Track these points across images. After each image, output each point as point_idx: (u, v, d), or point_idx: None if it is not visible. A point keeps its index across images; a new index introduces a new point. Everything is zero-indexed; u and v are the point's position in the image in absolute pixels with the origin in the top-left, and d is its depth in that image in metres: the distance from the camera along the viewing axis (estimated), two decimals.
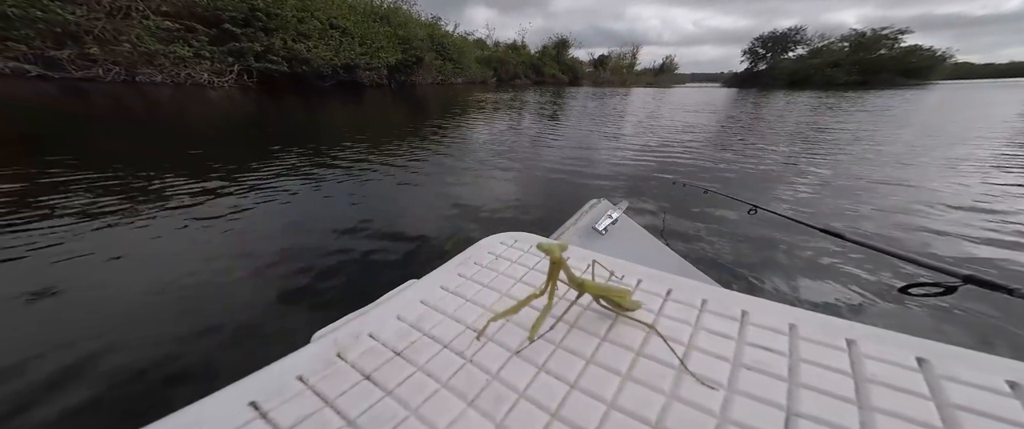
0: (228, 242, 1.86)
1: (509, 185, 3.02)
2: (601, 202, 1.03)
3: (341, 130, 5.39)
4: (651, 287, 0.45)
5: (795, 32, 57.28)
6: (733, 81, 62.00)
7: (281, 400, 0.32)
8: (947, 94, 18.76)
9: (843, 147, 4.55)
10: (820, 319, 0.38)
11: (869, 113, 8.72)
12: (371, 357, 0.37)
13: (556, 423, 0.29)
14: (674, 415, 0.29)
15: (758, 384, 0.31)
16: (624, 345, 0.36)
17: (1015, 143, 4.44)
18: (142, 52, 11.12)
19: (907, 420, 0.27)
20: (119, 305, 1.31)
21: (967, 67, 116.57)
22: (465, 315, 0.43)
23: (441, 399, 0.32)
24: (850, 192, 2.91)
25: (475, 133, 5.49)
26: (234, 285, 1.47)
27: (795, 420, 0.27)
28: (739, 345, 0.35)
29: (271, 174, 3.00)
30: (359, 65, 18.97)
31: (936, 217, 2.36)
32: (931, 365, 0.31)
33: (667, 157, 4.14)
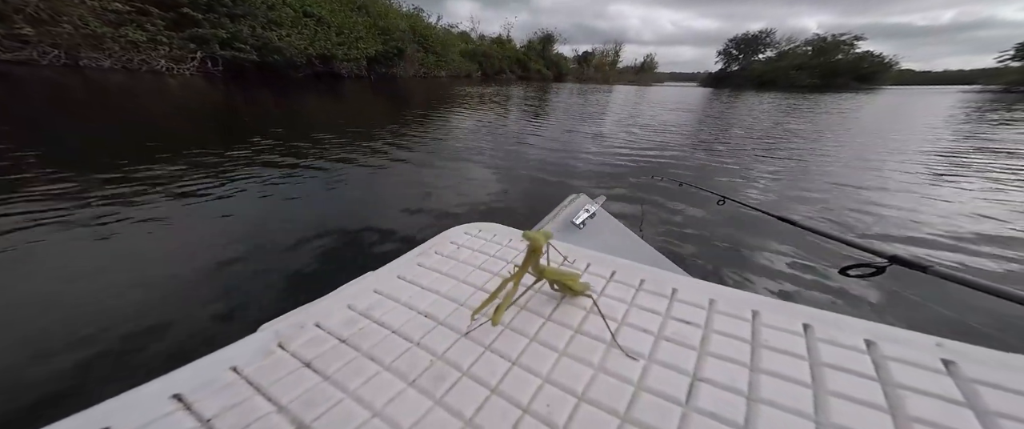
0: (171, 243, 1.74)
1: (491, 182, 2.96)
2: (580, 197, 1.05)
3: (313, 123, 5.14)
4: (599, 270, 0.47)
5: (765, 35, 60.73)
6: (709, 81, 64.93)
7: (209, 391, 0.31)
8: (891, 99, 20.42)
9: (804, 146, 4.94)
10: (731, 293, 0.42)
11: (829, 115, 9.38)
12: (314, 345, 0.36)
13: (494, 397, 0.30)
14: (597, 386, 0.31)
15: (674, 354, 0.34)
16: (565, 324, 0.38)
17: (938, 147, 4.92)
18: (86, 34, 10.03)
19: (787, 379, 0.30)
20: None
21: (909, 74, 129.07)
22: (418, 301, 0.43)
23: (381, 381, 0.32)
24: (806, 184, 3.20)
25: (458, 129, 5.32)
26: (183, 284, 1.38)
27: (698, 384, 0.30)
28: (665, 319, 0.38)
29: (229, 169, 2.82)
30: (336, 56, 18.10)
31: (878, 207, 2.63)
32: (813, 330, 0.35)
33: (647, 153, 4.28)
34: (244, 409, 0.30)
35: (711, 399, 0.29)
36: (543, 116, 7.20)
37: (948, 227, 2.26)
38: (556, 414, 0.28)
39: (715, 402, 0.29)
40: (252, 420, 0.29)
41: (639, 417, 0.28)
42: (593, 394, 0.30)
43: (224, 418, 0.29)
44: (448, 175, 3.07)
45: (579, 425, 0.28)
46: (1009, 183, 3.18)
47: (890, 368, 0.31)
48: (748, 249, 1.96)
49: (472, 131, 5.16)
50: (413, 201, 2.44)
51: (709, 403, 0.29)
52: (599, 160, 3.85)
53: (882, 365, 0.32)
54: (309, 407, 0.30)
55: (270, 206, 2.26)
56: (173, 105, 6.20)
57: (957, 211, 2.55)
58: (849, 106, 12.35)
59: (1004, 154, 4.24)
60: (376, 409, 0.30)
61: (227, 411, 0.29)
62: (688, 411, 0.28)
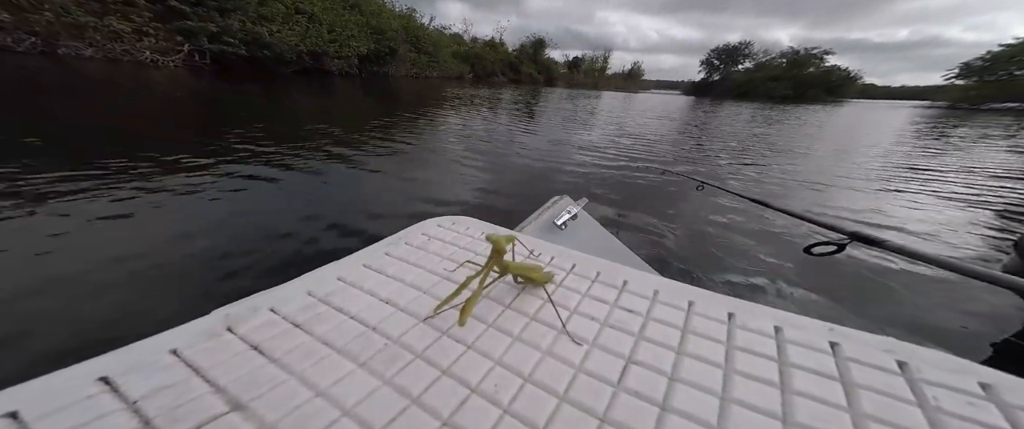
0: (142, 234, 1.68)
1: (476, 181, 2.94)
2: (562, 199, 1.08)
3: (298, 119, 5.10)
4: (560, 263, 0.50)
5: (745, 46, 64.37)
6: (691, 90, 68.14)
7: (141, 373, 0.31)
8: (855, 111, 21.51)
9: (779, 153, 5.18)
10: (671, 284, 0.45)
11: (803, 124, 9.96)
12: (264, 329, 0.36)
13: (444, 378, 0.31)
14: (543, 368, 0.32)
15: (615, 339, 0.36)
16: (523, 312, 0.39)
17: (892, 155, 5.47)
18: (66, 23, 9.77)
19: (704, 361, 0.33)
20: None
21: (872, 88, 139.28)
22: (381, 289, 0.43)
23: (329, 363, 0.32)
24: (779, 180, 3.56)
25: (448, 130, 5.29)
26: (143, 276, 1.32)
27: (632, 367, 0.33)
28: (612, 308, 0.40)
29: (211, 162, 2.74)
30: (328, 53, 18.09)
31: (841, 199, 2.96)
32: (735, 318, 0.38)
33: (635, 155, 4.51)
34: (177, 390, 0.29)
35: (639, 380, 0.31)
36: (534, 119, 7.46)
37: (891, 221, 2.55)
38: (502, 393, 0.30)
39: (642, 383, 0.31)
40: (185, 400, 0.29)
41: (575, 397, 0.30)
42: (538, 376, 0.32)
43: (152, 399, 0.28)
44: (433, 173, 3.04)
45: (521, 404, 0.29)
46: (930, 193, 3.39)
47: (788, 350, 0.34)
48: (722, 230, 2.13)
49: (462, 132, 5.18)
50: (394, 197, 2.43)
51: (636, 384, 0.31)
52: (585, 159, 4.04)
53: (782, 347, 0.35)
54: (248, 387, 0.30)
55: (243, 199, 2.19)
56: (159, 97, 6.21)
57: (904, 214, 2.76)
58: (820, 119, 13.16)
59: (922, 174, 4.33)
60: (320, 389, 0.30)
61: (157, 392, 0.29)
62: (618, 391, 0.31)
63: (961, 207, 2.91)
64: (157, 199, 2.07)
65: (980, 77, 41.24)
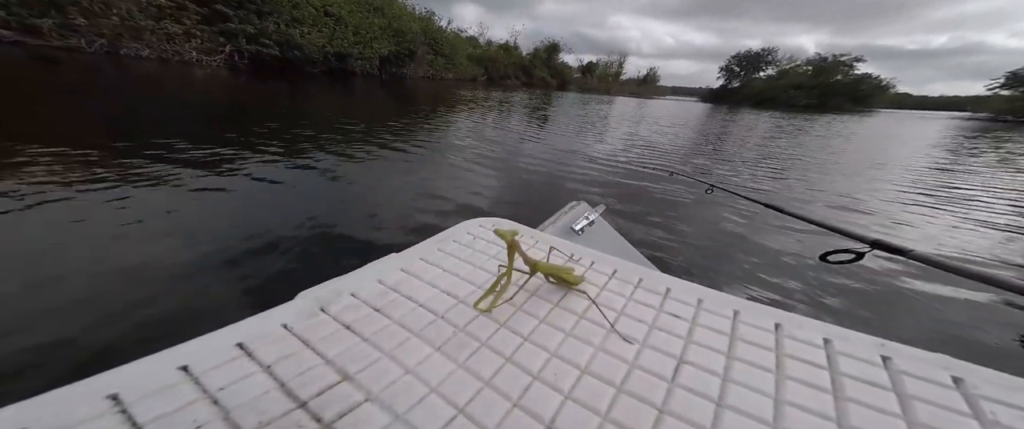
0: (223, 220, 1.90)
1: (496, 181, 3.13)
2: (580, 204, 1.09)
3: (331, 118, 5.52)
4: (602, 268, 0.55)
5: (767, 53, 62.61)
6: (709, 96, 66.57)
7: (266, 342, 0.36)
8: (887, 122, 19.88)
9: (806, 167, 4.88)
10: (717, 295, 0.48)
11: (841, 138, 9.07)
12: (351, 311, 0.42)
13: (509, 366, 0.35)
14: (599, 362, 0.36)
15: (663, 341, 0.39)
16: (571, 310, 0.44)
17: (921, 170, 5.15)
18: (129, 26, 11.01)
19: (754, 366, 0.36)
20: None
21: (905, 98, 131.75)
22: (440, 281, 0.49)
23: (412, 345, 0.37)
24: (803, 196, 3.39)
25: (469, 130, 5.66)
26: (219, 258, 1.49)
27: (682, 366, 0.36)
28: (659, 313, 0.44)
29: (258, 160, 2.96)
30: (352, 54, 19.18)
31: (863, 214, 2.83)
32: (782, 328, 0.41)
33: (645, 158, 4.62)
34: (297, 359, 0.34)
35: (693, 378, 0.34)
36: (547, 124, 7.66)
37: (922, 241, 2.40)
38: (561, 381, 0.34)
39: (695, 381, 0.34)
40: (305, 368, 0.33)
41: (631, 389, 0.33)
42: (595, 368, 0.35)
43: (282, 365, 0.34)
44: (457, 174, 3.22)
45: (581, 392, 0.33)
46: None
47: (838, 360, 0.37)
48: (733, 237, 2.09)
49: (483, 135, 5.50)
50: (428, 197, 2.58)
51: (690, 381, 0.34)
52: (595, 163, 4.14)
53: (832, 357, 0.37)
54: (352, 361, 0.35)
55: (294, 191, 2.37)
56: (222, 93, 7.07)
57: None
58: (851, 129, 12.51)
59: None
60: (409, 367, 0.34)
61: (283, 359, 0.34)
62: (673, 387, 0.33)
63: (1002, 229, 2.65)
64: (224, 183, 2.36)
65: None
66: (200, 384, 0.31)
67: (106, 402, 0.29)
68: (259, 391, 0.31)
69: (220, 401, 0.30)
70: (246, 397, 0.30)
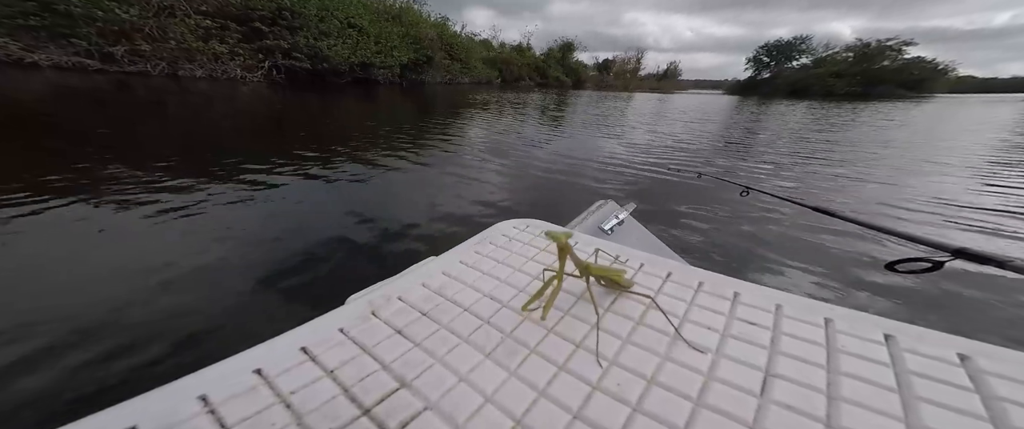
0: (275, 222, 2.07)
1: (519, 182, 3.20)
2: (608, 203, 1.07)
3: (360, 125, 5.92)
4: (653, 270, 0.51)
5: (800, 41, 59.20)
6: (735, 88, 63.71)
7: (326, 346, 0.37)
8: (937, 108, 17.83)
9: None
10: (800, 300, 0.44)
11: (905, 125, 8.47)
12: (401, 316, 0.43)
13: (563, 374, 0.34)
14: (668, 372, 0.34)
15: (742, 351, 0.37)
16: (625, 315, 0.42)
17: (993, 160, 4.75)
18: (184, 48, 12.42)
19: (869, 383, 0.32)
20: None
21: (970, 81, 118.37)
22: (482, 285, 0.49)
23: (462, 351, 0.37)
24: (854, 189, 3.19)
25: (490, 134, 5.82)
26: (272, 255, 1.65)
27: (772, 380, 0.33)
28: (729, 320, 0.41)
29: (292, 169, 3.14)
30: (374, 63, 20.31)
31: (923, 210, 2.57)
32: (895, 340, 0.38)
33: (670, 159, 4.59)
34: (357, 364, 0.35)
35: (786, 393, 0.31)
36: (563, 124, 7.82)
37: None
38: (627, 392, 0.31)
39: (791, 396, 0.31)
40: (365, 374, 0.34)
41: (713, 403, 0.30)
42: (664, 379, 0.33)
43: (344, 371, 0.34)
44: (481, 174, 3.33)
45: (651, 404, 0.30)
46: None
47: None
48: (778, 244, 1.94)
49: (500, 137, 5.67)
50: (459, 198, 2.70)
51: (784, 396, 0.31)
52: (618, 162, 4.17)
53: (981, 378, 0.33)
54: (408, 367, 0.35)
55: (338, 195, 2.55)
56: (269, 107, 7.82)
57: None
58: (895, 118, 11.35)
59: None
60: (462, 375, 0.34)
61: (344, 365, 0.35)
62: (765, 404, 0.30)
63: None
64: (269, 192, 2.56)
65: None
66: (273, 387, 0.33)
67: (197, 403, 0.31)
68: (327, 396, 0.32)
69: (293, 405, 0.31)
70: (317, 402, 0.31)
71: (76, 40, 10.49)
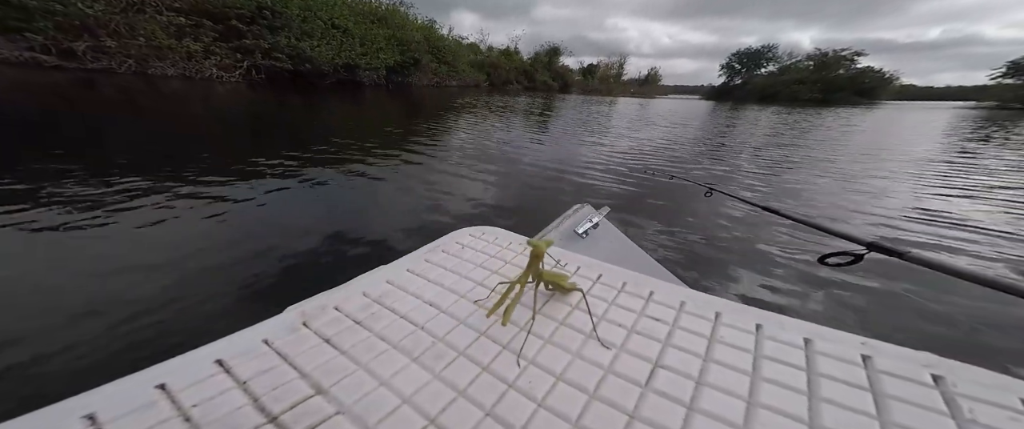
0: (227, 232, 1.93)
1: (497, 186, 3.14)
2: (584, 207, 1.11)
3: (341, 128, 5.73)
4: (587, 273, 0.55)
5: (768, 49, 63.63)
6: (711, 94, 67.45)
7: (246, 358, 0.37)
8: (891, 114, 19.49)
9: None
10: (699, 296, 0.48)
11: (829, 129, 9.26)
12: (333, 325, 0.43)
13: (485, 375, 0.36)
14: (574, 368, 0.37)
15: (642, 345, 0.39)
16: (552, 317, 0.44)
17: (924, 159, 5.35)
18: (154, 46, 11.76)
19: (735, 369, 0.36)
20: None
21: (911, 89, 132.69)
22: (424, 292, 0.49)
23: (389, 356, 0.38)
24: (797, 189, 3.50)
25: (471, 137, 5.79)
26: (213, 269, 1.53)
27: (660, 370, 0.36)
28: (639, 317, 0.44)
29: (268, 173, 3.05)
30: (359, 65, 19.96)
31: (861, 206, 2.83)
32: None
33: (645, 161, 4.76)
34: (274, 374, 0.35)
35: (667, 383, 0.35)
36: (546, 128, 7.84)
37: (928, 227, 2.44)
38: (536, 389, 0.34)
39: (670, 385, 0.34)
40: (280, 383, 0.34)
41: (605, 395, 0.34)
42: (570, 375, 0.36)
43: (258, 380, 0.34)
44: (458, 180, 3.27)
45: (554, 400, 0.33)
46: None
47: (817, 361, 0.37)
48: (732, 240, 2.09)
49: (483, 140, 5.67)
50: (427, 204, 2.63)
51: (664, 386, 0.34)
52: (596, 166, 4.21)
53: (811, 358, 0.38)
54: (328, 375, 0.36)
55: (301, 202, 2.41)
56: (246, 108, 7.46)
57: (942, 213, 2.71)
58: (853, 123, 12.71)
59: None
60: (383, 379, 0.35)
61: (260, 375, 0.35)
62: (646, 391, 0.34)
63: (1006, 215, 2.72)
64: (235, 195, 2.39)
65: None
66: (176, 402, 0.32)
67: (81, 422, 0.29)
68: (232, 407, 0.32)
69: (192, 418, 0.31)
70: (219, 413, 0.31)
71: (31, 34, 9.69)
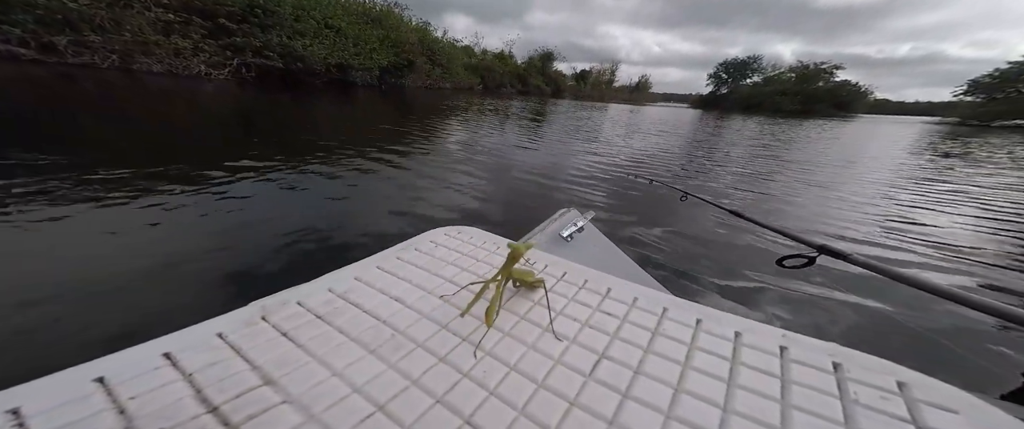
0: (207, 229, 1.89)
1: (485, 188, 3.18)
2: (570, 211, 1.12)
3: (331, 128, 5.73)
4: (552, 272, 0.56)
5: (753, 60, 66.42)
6: (699, 103, 69.89)
7: (195, 351, 0.37)
8: (863, 126, 20.63)
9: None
10: (650, 292, 0.50)
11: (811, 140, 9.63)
12: (293, 319, 0.43)
13: (441, 365, 0.37)
14: (528, 359, 0.38)
15: (591, 337, 0.41)
16: (514, 312, 0.46)
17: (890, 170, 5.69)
18: (140, 41, 11.54)
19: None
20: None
21: (884, 104, 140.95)
22: (392, 289, 0.50)
23: (346, 349, 0.39)
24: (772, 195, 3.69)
25: (463, 140, 5.83)
26: (186, 270, 1.48)
27: (604, 361, 0.38)
28: (594, 312, 0.46)
29: (256, 168, 3.03)
30: (352, 65, 19.93)
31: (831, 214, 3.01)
32: (702, 323, 0.43)
33: (631, 168, 4.78)
34: (223, 366, 0.36)
35: (609, 373, 0.37)
36: (540, 133, 7.89)
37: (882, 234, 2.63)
38: (489, 379, 0.36)
39: (611, 376, 0.36)
40: (228, 375, 0.35)
41: (552, 384, 0.36)
42: (522, 366, 0.38)
43: (204, 372, 0.35)
44: (444, 182, 3.30)
45: (506, 388, 0.35)
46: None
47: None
48: (701, 242, 2.22)
49: (474, 143, 5.69)
50: (409, 204, 2.62)
51: (607, 376, 0.36)
52: (580, 171, 4.29)
53: (738, 350, 0.40)
54: (278, 366, 0.36)
55: (281, 201, 2.38)
56: (239, 107, 7.34)
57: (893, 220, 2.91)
58: (833, 134, 13.30)
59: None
60: (336, 370, 0.36)
61: (208, 367, 0.35)
62: (588, 381, 0.36)
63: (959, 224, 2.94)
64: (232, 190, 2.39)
65: (989, 94, 42.52)
66: (112, 395, 0.32)
67: (4, 417, 0.29)
68: (171, 399, 0.32)
69: (127, 410, 0.30)
70: (156, 405, 0.31)
71: (8, 27, 9.40)
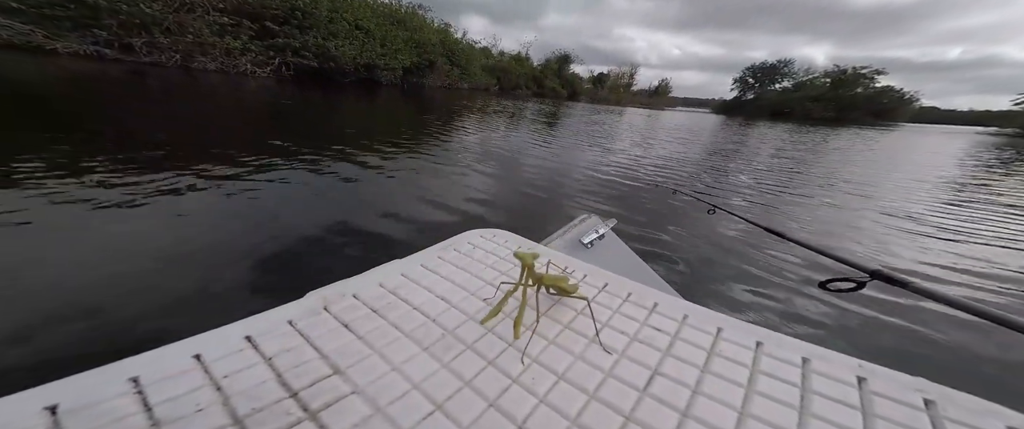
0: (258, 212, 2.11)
1: (505, 190, 3.28)
2: (591, 217, 1.12)
3: (363, 125, 6.33)
4: (593, 281, 0.58)
5: (783, 64, 63.89)
6: (721, 108, 67.60)
7: (272, 336, 0.41)
8: (914, 137, 18.70)
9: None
10: (701, 310, 0.51)
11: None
12: (351, 311, 0.47)
13: (491, 368, 0.39)
14: (576, 369, 0.40)
15: (644, 353, 0.42)
16: (557, 320, 0.47)
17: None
18: (198, 42, 13.15)
19: (730, 381, 0.39)
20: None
21: (930, 112, 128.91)
22: (437, 287, 0.53)
23: (402, 344, 0.42)
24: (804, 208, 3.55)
25: (483, 140, 6.06)
26: (244, 250, 1.67)
27: (658, 377, 0.38)
28: (642, 326, 0.47)
29: (296, 163, 3.25)
30: (379, 65, 21.31)
31: (869, 231, 2.82)
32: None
33: (652, 175, 4.76)
34: (296, 353, 0.39)
35: (665, 390, 0.37)
36: (556, 136, 7.99)
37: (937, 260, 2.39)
38: (538, 386, 0.37)
39: (668, 393, 0.37)
40: (302, 361, 0.38)
41: (604, 396, 0.36)
42: (571, 375, 0.39)
43: (281, 357, 0.38)
44: (468, 182, 3.41)
45: (556, 397, 0.36)
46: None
47: (812, 380, 0.40)
48: (734, 260, 2.10)
49: (494, 144, 5.90)
50: (435, 202, 2.72)
51: (662, 393, 0.37)
52: (603, 179, 4.23)
53: (807, 376, 0.41)
54: (344, 357, 0.39)
55: (326, 194, 2.56)
56: (281, 103, 8.15)
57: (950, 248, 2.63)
58: (871, 145, 12.23)
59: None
60: (395, 364, 0.39)
61: (284, 352, 0.39)
62: (644, 396, 0.36)
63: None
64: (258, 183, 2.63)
65: None
66: (208, 372, 0.36)
67: (127, 384, 0.33)
68: (258, 380, 0.35)
69: (223, 387, 0.34)
70: (246, 385, 0.35)
71: (98, 30, 11.11)
